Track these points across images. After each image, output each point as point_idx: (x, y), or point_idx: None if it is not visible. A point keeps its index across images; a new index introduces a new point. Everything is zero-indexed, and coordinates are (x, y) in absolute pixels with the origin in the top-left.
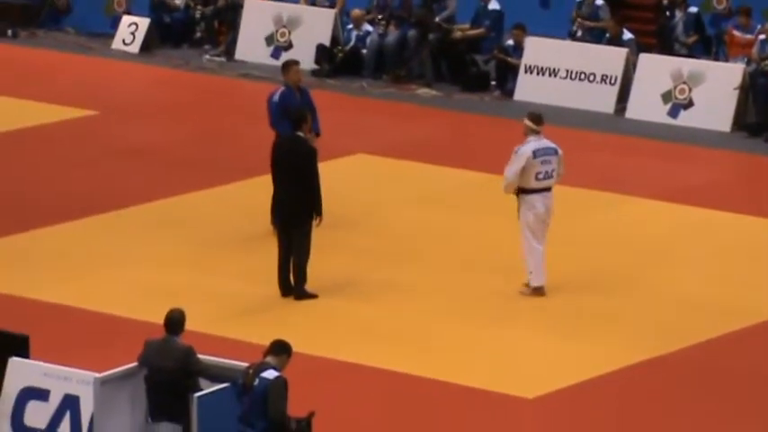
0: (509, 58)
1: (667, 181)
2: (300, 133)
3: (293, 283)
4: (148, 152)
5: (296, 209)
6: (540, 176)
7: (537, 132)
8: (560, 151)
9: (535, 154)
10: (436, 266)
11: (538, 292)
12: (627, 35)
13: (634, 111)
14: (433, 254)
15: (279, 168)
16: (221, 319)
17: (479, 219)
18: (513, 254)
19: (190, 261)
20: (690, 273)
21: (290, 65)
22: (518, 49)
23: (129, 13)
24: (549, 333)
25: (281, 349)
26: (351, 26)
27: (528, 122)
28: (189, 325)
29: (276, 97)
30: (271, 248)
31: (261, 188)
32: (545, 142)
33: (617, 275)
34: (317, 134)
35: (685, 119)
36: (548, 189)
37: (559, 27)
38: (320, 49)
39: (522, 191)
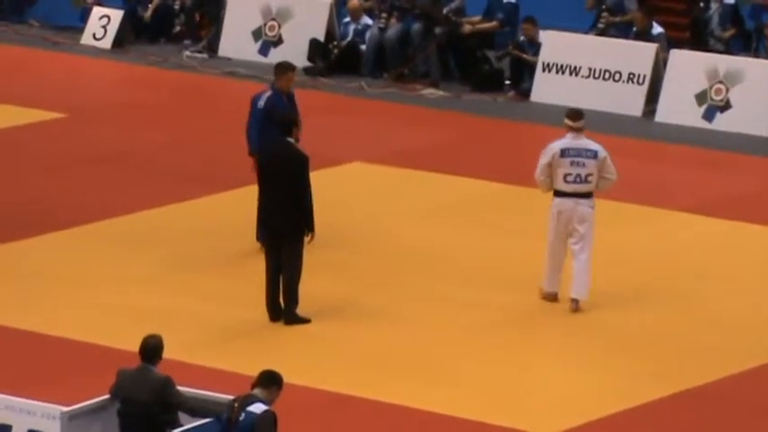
0: (525, 55)
1: (702, 192)
2: (289, 138)
3: (283, 307)
4: (121, 160)
5: (286, 223)
6: (570, 179)
7: (575, 130)
8: (602, 153)
9: (564, 152)
10: (442, 289)
11: (548, 297)
12: (656, 29)
13: (664, 113)
14: (440, 275)
15: (266, 178)
16: (203, 346)
17: (492, 235)
18: (530, 275)
19: (168, 282)
20: (729, 292)
21: (285, 70)
22: (534, 45)
23: (100, 4)
24: (569, 360)
25: (270, 380)
26: (348, 19)
27: (565, 119)
28: (167, 353)
29: (261, 102)
30: (258, 268)
31: (246, 200)
32: (583, 142)
33: (646, 296)
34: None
35: (722, 122)
36: (580, 195)
37: (581, 20)
38: (313, 44)
39: (554, 191)
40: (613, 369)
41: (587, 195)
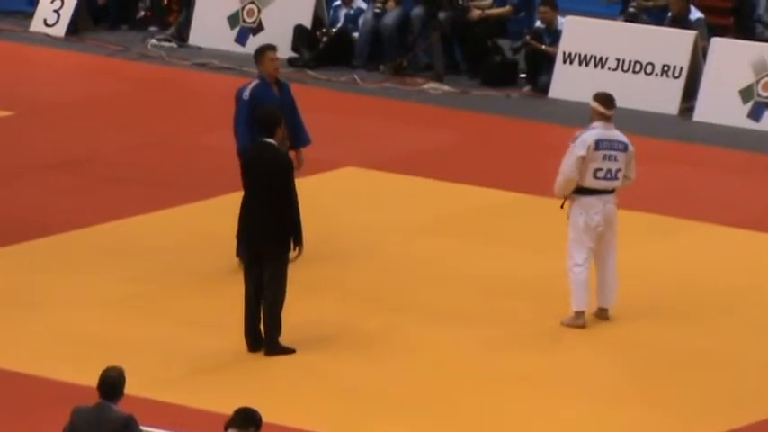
0: (543, 46)
1: (748, 202)
2: (271, 140)
3: (264, 334)
4: (78, 165)
5: (267, 239)
6: (600, 175)
7: (606, 119)
8: (631, 147)
9: (598, 144)
10: (447, 311)
11: (578, 319)
12: (695, 14)
13: (704, 111)
14: (444, 295)
15: (247, 186)
16: (171, 380)
17: (503, 251)
18: (545, 295)
19: (131, 304)
20: None
21: (263, 51)
22: (553, 33)
23: None
24: (589, 392)
25: (247, 420)
26: (338, 2)
27: (595, 105)
28: (129, 388)
29: (247, 93)
30: (237, 288)
31: (224, 210)
32: (615, 133)
33: (681, 320)
34: (307, 143)
35: None
36: (609, 192)
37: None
38: (298, 31)
39: (575, 190)
40: (641, 403)
41: (613, 192)
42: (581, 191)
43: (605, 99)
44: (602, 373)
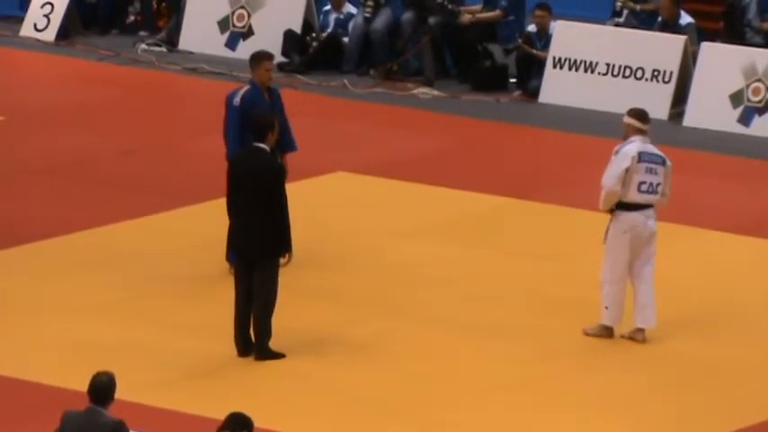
0: (534, 50)
1: (738, 207)
2: (263, 145)
3: (254, 339)
4: (67, 169)
5: (258, 244)
6: (644, 188)
7: (643, 133)
8: (669, 162)
9: (641, 157)
10: (440, 317)
11: (607, 332)
12: (685, 18)
13: (694, 116)
14: (436, 301)
15: (237, 191)
16: (161, 385)
17: (495, 256)
18: (542, 301)
19: (121, 310)
20: None
21: (260, 59)
22: (543, 37)
23: None
24: (589, 401)
25: (239, 425)
26: (328, 7)
27: (631, 120)
28: (120, 393)
29: (237, 99)
30: (226, 293)
31: (213, 215)
32: (652, 147)
33: (677, 325)
34: (292, 149)
35: (761, 127)
36: (650, 207)
37: (598, 8)
38: (289, 36)
39: (617, 205)
40: (648, 410)
41: (651, 207)
42: (623, 206)
43: (640, 114)
44: (599, 381)
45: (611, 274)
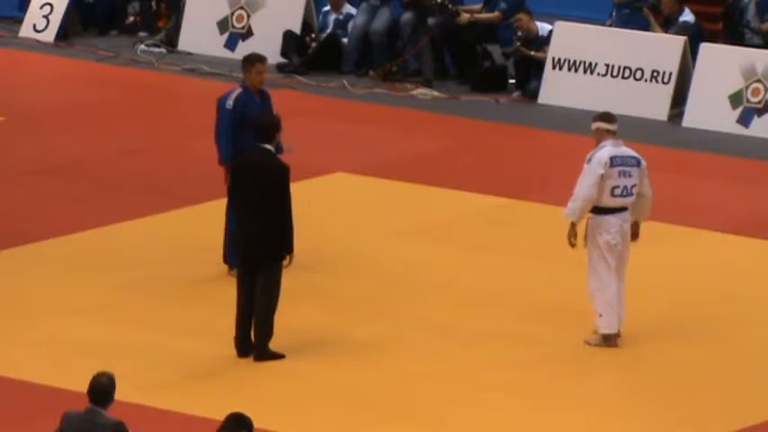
0: (533, 52)
1: (737, 208)
2: (269, 146)
3: (254, 340)
4: (66, 170)
5: (266, 244)
6: (618, 192)
7: (614, 134)
8: (644, 162)
9: (613, 161)
10: (439, 319)
11: (609, 341)
12: (685, 18)
13: (694, 117)
14: (436, 302)
15: (240, 192)
16: (161, 385)
17: (494, 257)
18: (540, 303)
19: (120, 311)
20: None
21: (253, 62)
22: (535, 39)
23: None
24: (585, 404)
25: (238, 425)
26: (327, 8)
27: (599, 124)
28: (119, 394)
29: (230, 102)
30: (224, 294)
31: (213, 216)
32: (625, 149)
33: (674, 327)
34: (279, 152)
35: (760, 127)
36: (624, 210)
37: (597, 9)
38: (288, 37)
39: (592, 210)
40: (638, 411)
41: (626, 209)
42: (598, 210)
43: (606, 116)
44: (597, 383)
45: (597, 282)
